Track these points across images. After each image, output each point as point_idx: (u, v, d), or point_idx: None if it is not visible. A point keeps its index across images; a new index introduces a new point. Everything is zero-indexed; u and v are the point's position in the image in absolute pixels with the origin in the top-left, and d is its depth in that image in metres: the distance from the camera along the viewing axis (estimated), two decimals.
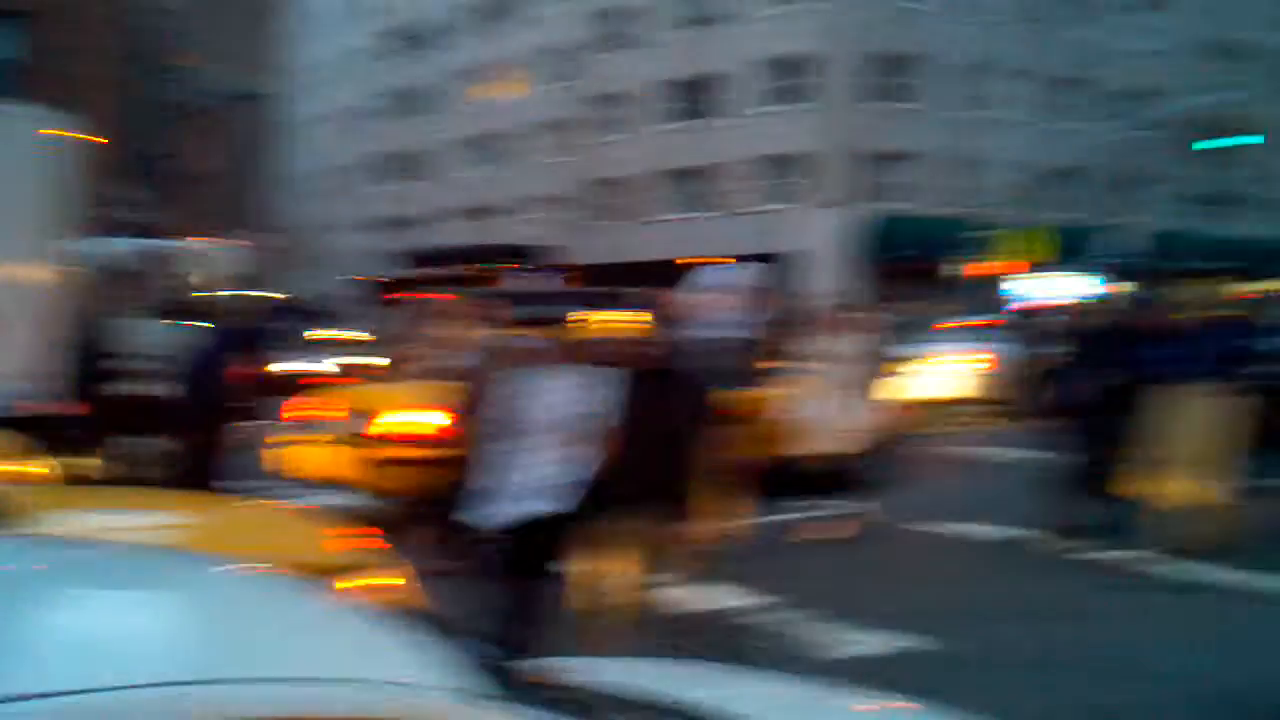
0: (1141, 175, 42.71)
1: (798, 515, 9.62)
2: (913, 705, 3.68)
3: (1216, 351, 8.80)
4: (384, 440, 9.20)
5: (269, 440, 10.16)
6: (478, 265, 39.84)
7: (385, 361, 14.36)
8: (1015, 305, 29.04)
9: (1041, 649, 6.66)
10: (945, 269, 33.38)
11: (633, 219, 44.46)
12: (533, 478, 5.55)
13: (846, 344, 9.48)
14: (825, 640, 6.76)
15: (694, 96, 42.35)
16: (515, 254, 44.24)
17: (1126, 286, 33.43)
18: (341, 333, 25.12)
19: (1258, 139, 31.90)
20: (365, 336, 23.28)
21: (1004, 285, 31.64)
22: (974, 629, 6.96)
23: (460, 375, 6.83)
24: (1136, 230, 36.22)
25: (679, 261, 37.57)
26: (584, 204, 47.33)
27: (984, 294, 30.15)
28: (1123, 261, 35.34)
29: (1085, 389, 9.07)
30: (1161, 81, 42.88)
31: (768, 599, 7.62)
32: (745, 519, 8.47)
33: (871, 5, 37.71)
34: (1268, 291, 25.95)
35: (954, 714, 3.54)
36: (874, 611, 7.28)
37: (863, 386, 9.40)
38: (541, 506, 5.54)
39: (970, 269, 33.23)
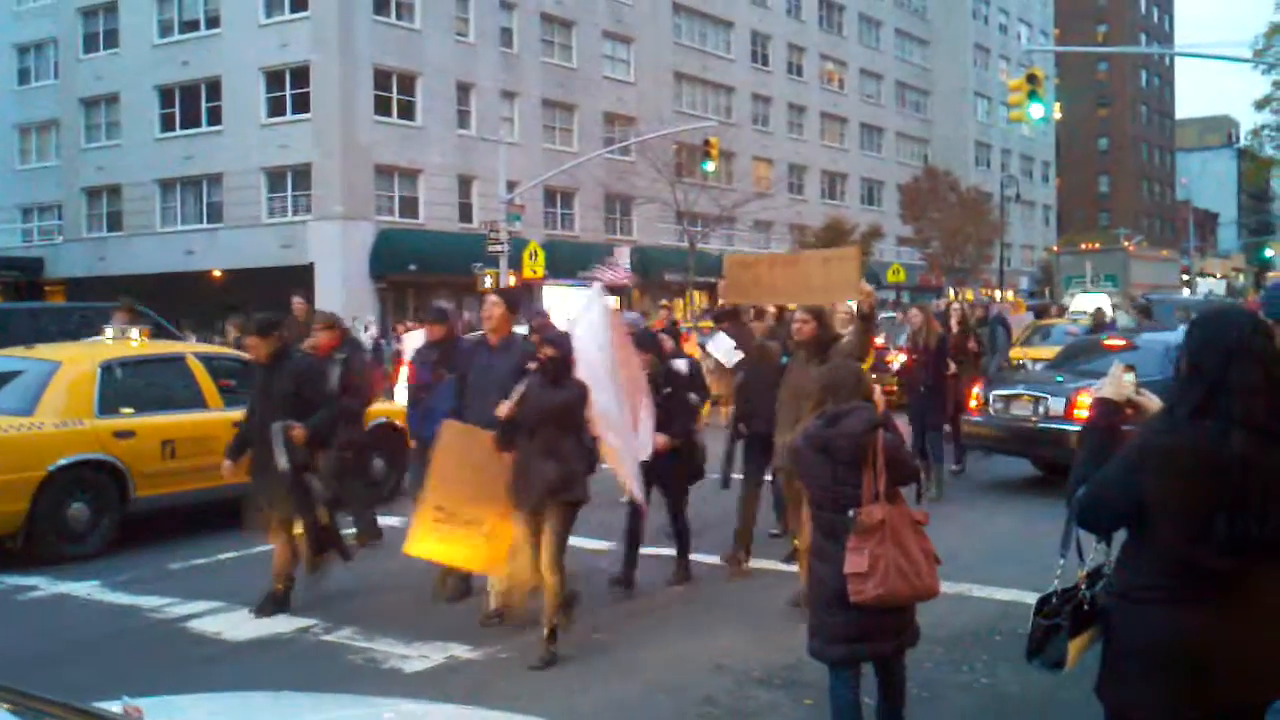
0: (628, 195, 46.21)
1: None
2: (486, 711, 4.12)
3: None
4: None
5: None
6: None
7: None
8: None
9: (578, 651, 7.03)
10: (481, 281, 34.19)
11: (134, 230, 42.03)
12: None
13: None
14: (379, 657, 6.95)
15: (191, 103, 40.64)
16: None
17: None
18: None
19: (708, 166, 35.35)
20: None
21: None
22: (507, 636, 7.31)
23: None
24: (625, 247, 39.28)
25: (215, 274, 36.48)
26: (72, 212, 44.15)
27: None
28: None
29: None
30: (639, 108, 46.74)
31: (309, 621, 7.68)
32: None
33: (360, 20, 37.89)
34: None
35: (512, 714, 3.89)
36: (418, 626, 7.49)
37: None
38: None
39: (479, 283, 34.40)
